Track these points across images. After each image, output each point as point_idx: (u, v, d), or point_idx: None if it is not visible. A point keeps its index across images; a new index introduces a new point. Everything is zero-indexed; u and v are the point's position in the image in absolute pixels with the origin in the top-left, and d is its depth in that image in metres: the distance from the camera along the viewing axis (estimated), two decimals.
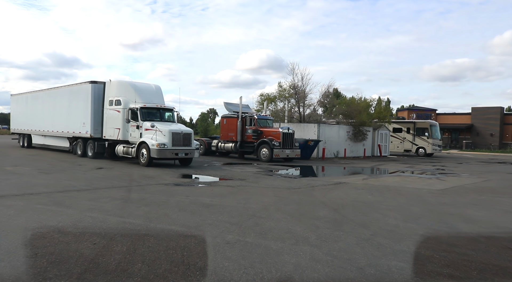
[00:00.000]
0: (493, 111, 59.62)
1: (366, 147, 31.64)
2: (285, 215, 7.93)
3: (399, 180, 15.05)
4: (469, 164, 27.50)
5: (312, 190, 11.73)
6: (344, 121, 31.06)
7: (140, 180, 13.14)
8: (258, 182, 13.27)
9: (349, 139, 30.13)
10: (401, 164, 25.73)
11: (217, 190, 11.27)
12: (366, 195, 10.91)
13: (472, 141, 59.85)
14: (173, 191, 10.89)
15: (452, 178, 16.57)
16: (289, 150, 23.34)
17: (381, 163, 25.23)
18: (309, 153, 26.33)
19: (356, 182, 14.12)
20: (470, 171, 21.15)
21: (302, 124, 28.91)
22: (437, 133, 36.78)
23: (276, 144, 22.74)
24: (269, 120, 25.20)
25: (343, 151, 29.28)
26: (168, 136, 17.32)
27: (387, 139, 34.37)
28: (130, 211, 7.99)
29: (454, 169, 22.71)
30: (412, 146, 36.58)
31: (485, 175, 19.07)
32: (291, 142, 23.52)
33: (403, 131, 37.00)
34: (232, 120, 25.17)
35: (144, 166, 17.44)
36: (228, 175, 15.25)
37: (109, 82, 20.13)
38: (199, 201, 9.31)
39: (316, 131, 27.64)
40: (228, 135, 25.40)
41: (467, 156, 40.64)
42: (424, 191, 12.00)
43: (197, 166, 18.85)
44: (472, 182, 15.24)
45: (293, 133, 23.67)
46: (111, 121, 19.65)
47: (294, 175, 17.39)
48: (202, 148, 27.03)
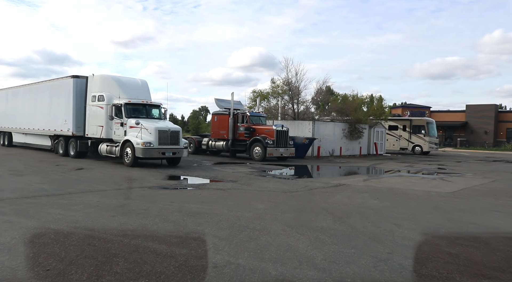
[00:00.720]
0: (487, 109, 59.06)
1: (362, 145, 30.67)
2: (284, 225, 6.84)
3: (403, 181, 14.03)
4: (468, 163, 26.64)
5: (310, 193, 10.65)
6: (339, 119, 30.05)
7: (122, 182, 11.96)
8: (251, 184, 12.17)
9: (345, 137, 29.13)
10: (399, 162, 24.78)
11: (206, 194, 10.15)
12: (371, 199, 9.85)
13: (467, 138, 59.27)
14: (156, 195, 9.74)
15: (457, 179, 15.59)
16: (283, 148, 22.26)
17: (378, 162, 24.25)
18: (304, 152, 25.28)
19: (357, 183, 13.07)
20: (473, 170, 20.23)
21: (296, 122, 27.85)
22: (434, 131, 35.94)
23: (270, 142, 21.65)
24: (262, 117, 24.10)
25: (338, 149, 28.28)
26: (154, 135, 16.14)
27: (383, 137, 33.44)
28: (103, 221, 6.84)
29: (455, 168, 21.79)
30: (408, 143, 35.69)
31: (489, 174, 18.14)
32: (285, 140, 22.44)
33: (399, 129, 36.10)
34: (223, 118, 24.02)
35: (128, 166, 16.25)
36: (219, 176, 14.13)
37: (92, 77, 18.87)
38: (184, 208, 8.18)
39: (311, 129, 26.59)
40: (219, 133, 24.25)
41: (464, 154, 39.89)
42: (433, 194, 10.97)
43: (185, 166, 17.69)
44: (480, 182, 14.27)
45: (287, 131, 22.60)
46: (94, 118, 18.41)
47: (289, 175, 16.32)
48: (192, 146, 25.86)
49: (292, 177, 15.20)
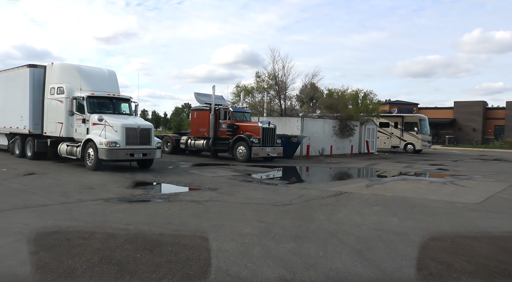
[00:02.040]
0: (475, 105, 57.96)
1: (353, 143, 28.71)
2: (281, 268, 4.66)
3: (412, 187, 12.00)
4: (466, 162, 24.91)
5: (308, 207, 8.50)
6: (329, 115, 28.03)
7: (74, 192, 9.62)
8: (234, 194, 9.96)
9: (335, 135, 27.12)
10: (395, 162, 22.87)
11: (176, 210, 7.90)
12: (388, 216, 7.74)
13: (455, 135, 58.10)
14: (110, 213, 7.46)
15: (470, 183, 13.66)
16: (270, 147, 20.11)
17: (373, 162, 22.29)
18: (292, 151, 23.18)
19: (360, 191, 10.99)
20: (478, 172, 18.40)
21: (284, 118, 25.72)
22: (427, 128, 34.28)
23: (255, 141, 19.46)
24: (246, 113, 21.87)
25: (328, 148, 26.26)
26: (120, 133, 13.79)
27: (374, 135, 31.57)
28: (10, 265, 4.56)
29: (456, 168, 19.96)
30: (400, 141, 33.94)
31: (499, 177, 16.31)
32: (272, 138, 20.30)
33: (390, 126, 34.31)
34: (204, 114, 21.73)
35: (91, 169, 13.88)
36: (196, 182, 11.88)
37: (51, 66, 16.37)
38: (142, 235, 5.95)
39: (299, 126, 24.49)
40: (199, 131, 21.96)
41: (456, 152, 38.38)
42: (458, 206, 8.93)
43: (159, 168, 15.39)
44: (500, 188, 12.35)
45: (274, 129, 20.44)
46: (53, 114, 15.93)
47: (279, 180, 14.17)
48: (169, 145, 23.54)
49: (283, 182, 13.04)
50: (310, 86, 36.41)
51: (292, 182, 13.98)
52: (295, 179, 14.93)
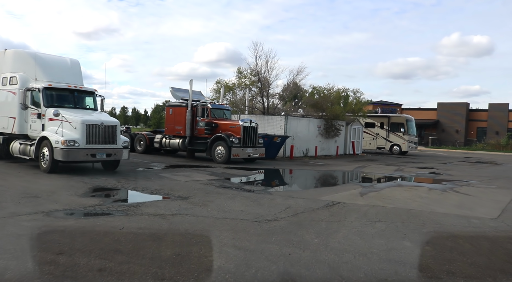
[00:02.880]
0: (459, 107, 57.54)
1: (338, 144, 27.35)
2: None
3: (411, 196, 10.58)
4: (455, 165, 23.82)
5: (298, 224, 6.94)
6: (314, 115, 26.60)
7: (10, 202, 7.85)
8: (208, 205, 8.34)
9: (320, 135, 25.70)
10: (383, 165, 21.58)
11: (131, 230, 6.24)
12: (397, 238, 6.24)
13: (438, 137, 57.59)
14: (43, 235, 5.78)
15: (473, 190, 12.34)
16: (252, 148, 18.52)
17: (360, 165, 20.93)
18: (275, 152, 21.66)
19: (355, 200, 9.50)
20: (472, 176, 17.20)
21: (266, 117, 24.17)
22: (413, 129, 33.22)
23: (235, 141, 17.84)
24: (226, 110, 20.22)
25: (313, 149, 24.82)
26: (80, 130, 12.00)
27: (360, 136, 30.30)
28: None
29: (449, 172, 18.75)
30: (386, 142, 32.78)
31: (497, 182, 15.11)
32: (254, 138, 18.71)
33: (376, 126, 33.12)
34: (180, 110, 20.00)
35: (45, 172, 12.06)
36: (165, 189, 10.22)
37: (3, 53, 14.43)
38: (73, 272, 4.29)
39: (283, 125, 22.98)
40: (175, 129, 20.22)
41: (441, 154, 37.50)
42: (475, 222, 7.50)
43: (127, 170, 13.65)
44: (508, 197, 11.03)
45: (256, 128, 18.86)
46: (5, 108, 13.99)
47: (261, 186, 12.60)
48: (142, 144, 21.74)
49: (265, 188, 11.45)
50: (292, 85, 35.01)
51: (276, 188, 12.44)
52: (279, 185, 13.37)
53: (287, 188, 12.62)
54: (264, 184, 13.24)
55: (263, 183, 13.38)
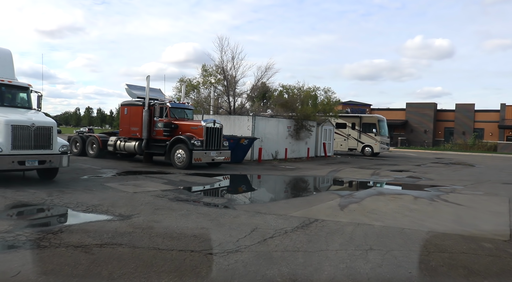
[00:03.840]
0: (427, 107, 57.56)
1: (309, 145, 25.92)
2: None
3: (398, 208, 9.08)
4: (430, 167, 22.82)
5: (266, 256, 5.25)
6: (284, 115, 25.06)
7: None
8: (153, 227, 6.54)
9: (290, 137, 24.19)
10: (357, 168, 20.26)
11: (31, 276, 4.38)
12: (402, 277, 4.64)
13: (407, 137, 57.42)
14: None
15: (461, 198, 11.02)
16: (216, 151, 16.75)
17: (333, 168, 19.51)
18: (242, 155, 19.96)
19: (335, 216, 7.90)
20: (453, 180, 16.06)
21: (232, 117, 22.44)
22: (385, 130, 32.25)
23: (197, 143, 16.03)
24: (187, 110, 18.33)
25: (283, 151, 23.27)
26: (4, 132, 9.92)
27: (331, 137, 29.01)
28: None
29: (428, 175, 17.58)
30: (357, 143, 31.66)
31: (483, 187, 13.96)
32: (218, 140, 16.95)
33: (347, 127, 31.96)
34: (136, 110, 18.00)
35: None
36: (105, 204, 8.32)
37: None
38: None
39: (250, 126, 21.31)
40: (130, 131, 18.19)
41: (412, 155, 36.81)
42: (488, 247, 6.00)
43: (67, 179, 11.60)
44: (504, 207, 9.74)
45: (220, 129, 17.10)
46: None
47: (224, 198, 10.87)
48: (94, 147, 19.57)
49: (228, 201, 9.70)
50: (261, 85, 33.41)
51: (241, 199, 10.73)
52: (245, 196, 11.65)
53: (254, 199, 10.91)
54: (228, 194, 11.48)
55: (227, 194, 11.62)
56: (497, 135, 53.33)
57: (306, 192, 12.24)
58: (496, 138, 52.86)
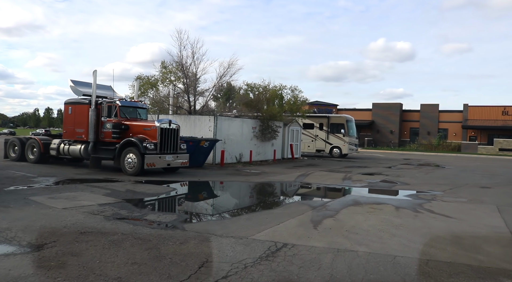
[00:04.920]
0: (393, 107, 57.51)
1: (276, 147, 24.46)
2: None
3: (382, 224, 7.66)
4: (401, 169, 21.85)
5: None
6: (249, 115, 23.49)
7: None
8: (65, 267, 4.79)
9: (255, 138, 22.65)
10: (326, 171, 18.94)
11: None
12: None
13: (373, 138, 57.15)
14: None
15: (446, 207, 9.76)
16: (172, 155, 14.98)
17: (302, 172, 18.09)
18: (203, 158, 18.25)
19: (309, 238, 6.37)
20: (429, 184, 14.97)
21: (193, 117, 20.67)
22: (353, 130, 31.28)
23: (150, 146, 14.21)
24: (140, 109, 16.42)
25: (248, 153, 21.70)
26: None
27: (298, 137, 27.68)
28: None
29: (401, 179, 16.46)
30: (325, 145, 30.51)
31: (462, 192, 12.87)
32: (175, 143, 15.19)
33: (315, 127, 30.76)
34: (81, 109, 15.98)
35: None
36: (14, 228, 6.45)
37: None
38: None
39: (212, 127, 19.63)
40: (75, 132, 16.15)
41: (380, 156, 36.09)
42: None
43: None
44: (497, 220, 8.51)
45: (177, 130, 15.34)
46: None
47: (172, 214, 9.16)
48: (35, 151, 17.35)
49: (177, 219, 7.96)
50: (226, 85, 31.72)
51: (194, 215, 9.04)
52: (199, 210, 9.91)
53: (211, 214, 9.21)
54: (179, 208, 9.74)
55: (178, 207, 9.87)
56: (461, 136, 53.82)
57: (272, 203, 10.65)
58: (460, 139, 53.34)
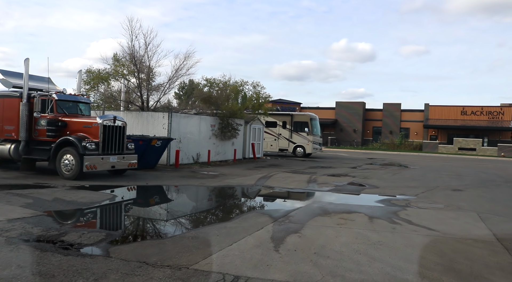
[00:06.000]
0: (356, 106, 57.29)
1: (236, 146, 22.99)
2: None
3: (356, 242, 6.35)
4: (367, 169, 20.92)
5: None
6: (208, 112, 21.89)
7: None
8: None
9: (214, 137, 21.10)
10: (290, 172, 17.67)
11: None
12: None
13: (336, 137, 56.72)
14: None
15: (424, 216, 8.62)
16: (117, 155, 13.21)
17: (263, 173, 16.72)
18: (155, 159, 16.55)
19: (269, 269, 4.95)
20: (397, 186, 13.98)
21: (145, 114, 18.87)
22: (318, 129, 30.23)
23: (91, 146, 12.40)
24: (82, 103, 14.49)
25: (206, 153, 20.11)
26: None
27: (261, 136, 26.33)
28: None
29: (369, 181, 15.42)
30: (289, 144, 29.30)
31: (437, 197, 11.88)
32: (120, 142, 13.43)
33: (278, 126, 29.50)
34: (11, 103, 13.92)
35: None
36: None
37: None
38: None
39: (166, 124, 17.92)
40: (4, 130, 14.06)
41: (344, 155, 35.35)
42: None
43: None
44: (481, 231, 7.40)
45: (123, 127, 13.58)
46: None
47: (101, 231, 7.49)
48: None
49: (106, 238, 6.34)
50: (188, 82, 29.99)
51: (127, 233, 7.37)
52: (135, 226, 8.11)
53: (147, 232, 7.55)
54: (109, 225, 7.98)
55: (108, 224, 8.13)
56: (422, 135, 54.20)
57: (226, 214, 9.11)
58: (421, 138, 53.70)
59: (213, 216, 8.73)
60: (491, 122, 50.18)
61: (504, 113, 50.41)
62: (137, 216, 8.80)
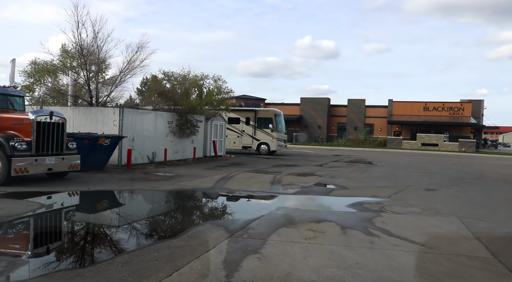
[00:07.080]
0: (320, 102, 56.81)
1: (196, 144, 21.53)
2: None
3: (332, 266, 5.16)
4: (334, 167, 20.00)
5: None
6: (165, 107, 20.31)
7: None
8: None
9: (172, 134, 19.56)
10: (252, 171, 16.45)
11: None
12: None
13: (301, 133, 56.04)
14: None
15: (403, 223, 7.57)
16: (55, 156, 11.55)
17: (224, 174, 15.41)
18: (104, 159, 14.93)
19: None
20: (367, 187, 13.03)
21: (94, 109, 17.10)
22: (282, 125, 29.14)
23: (21, 146, 10.70)
24: (13, 97, 12.64)
25: (162, 152, 18.55)
26: None
27: (223, 133, 24.97)
28: None
29: (337, 181, 14.42)
30: (252, 141, 28.08)
31: (412, 199, 10.95)
32: (59, 141, 11.77)
33: (241, 122, 28.22)
34: None
35: None
36: None
37: None
38: None
39: (117, 120, 16.27)
40: None
41: (310, 152, 34.52)
42: None
43: None
44: (476, 245, 6.39)
45: (61, 124, 11.91)
46: None
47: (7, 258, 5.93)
48: None
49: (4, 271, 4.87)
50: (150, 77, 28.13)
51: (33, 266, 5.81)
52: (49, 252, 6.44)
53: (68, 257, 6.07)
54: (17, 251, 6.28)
55: (18, 248, 6.47)
56: (386, 131, 54.35)
57: (172, 228, 7.62)
58: (385, 134, 53.85)
59: (156, 231, 7.30)
60: (452, 118, 50.84)
61: (464, 109, 51.17)
62: (60, 233, 7.23)
